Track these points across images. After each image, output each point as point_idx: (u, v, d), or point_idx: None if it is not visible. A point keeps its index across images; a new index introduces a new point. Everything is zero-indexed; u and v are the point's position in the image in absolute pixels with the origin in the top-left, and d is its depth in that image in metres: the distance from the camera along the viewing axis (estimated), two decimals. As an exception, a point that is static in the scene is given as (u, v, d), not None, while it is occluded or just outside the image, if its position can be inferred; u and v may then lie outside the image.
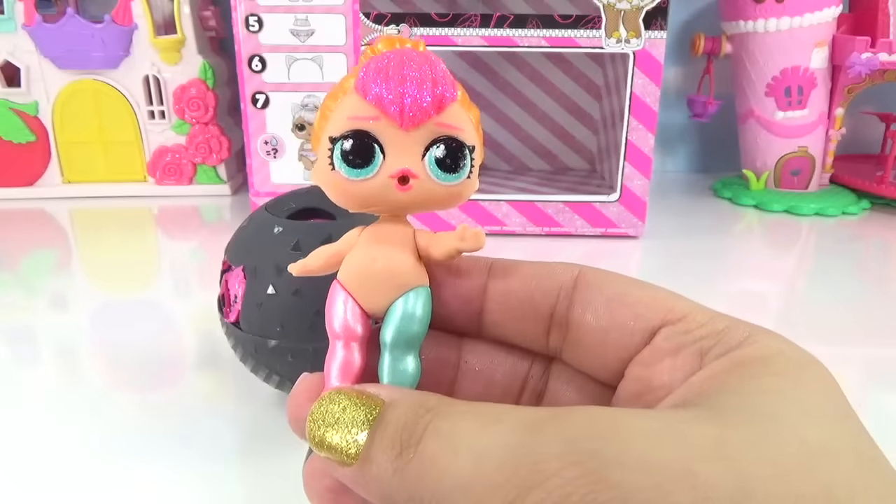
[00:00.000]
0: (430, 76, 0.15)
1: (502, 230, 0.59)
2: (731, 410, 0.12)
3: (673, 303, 0.15)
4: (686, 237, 0.61)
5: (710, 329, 0.14)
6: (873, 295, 0.50)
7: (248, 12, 0.54)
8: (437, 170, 0.16)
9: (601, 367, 0.16)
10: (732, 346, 0.14)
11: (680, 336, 0.15)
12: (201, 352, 0.40)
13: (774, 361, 0.13)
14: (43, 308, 0.46)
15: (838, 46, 0.67)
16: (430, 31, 0.54)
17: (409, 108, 0.15)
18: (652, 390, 0.15)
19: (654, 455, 0.11)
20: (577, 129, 0.77)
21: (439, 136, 0.16)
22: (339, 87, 0.16)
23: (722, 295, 0.50)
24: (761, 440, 0.11)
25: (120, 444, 0.30)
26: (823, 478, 0.11)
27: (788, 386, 0.12)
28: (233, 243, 0.31)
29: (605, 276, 0.17)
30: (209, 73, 0.68)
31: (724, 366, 0.13)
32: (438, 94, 0.16)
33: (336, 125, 0.16)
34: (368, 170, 0.16)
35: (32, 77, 0.66)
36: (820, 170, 0.71)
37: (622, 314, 0.16)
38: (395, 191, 0.16)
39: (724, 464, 0.10)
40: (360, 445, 0.13)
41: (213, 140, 0.69)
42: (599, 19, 0.53)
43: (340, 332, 0.17)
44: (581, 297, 0.16)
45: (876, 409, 0.35)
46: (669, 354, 0.15)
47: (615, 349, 0.16)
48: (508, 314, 0.17)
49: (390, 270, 0.17)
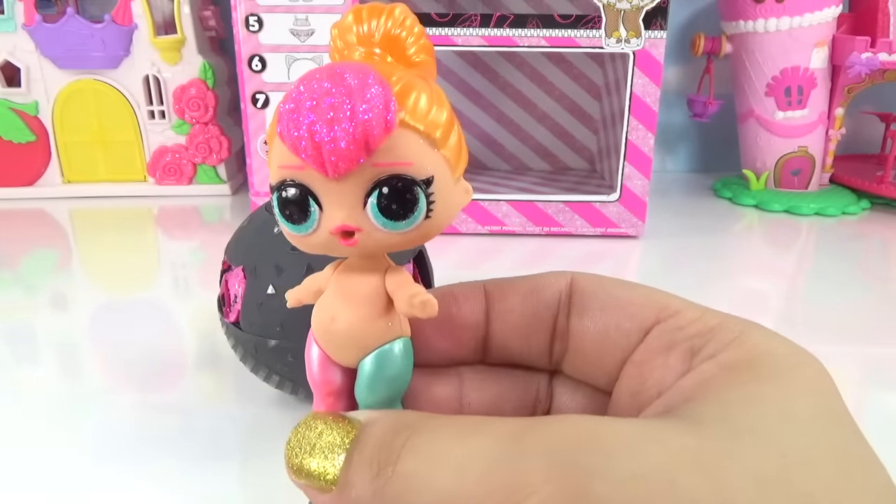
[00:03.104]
0: (349, 107, 0.12)
1: (502, 230, 0.59)
2: (714, 421, 0.12)
3: (666, 300, 0.15)
4: (686, 237, 0.61)
5: (701, 326, 0.14)
6: (873, 295, 0.50)
7: (248, 12, 0.54)
8: (382, 219, 0.13)
9: (600, 372, 0.16)
10: (723, 345, 0.14)
11: (672, 333, 0.15)
12: (201, 352, 0.40)
13: (763, 364, 0.13)
14: (43, 308, 0.46)
15: (838, 46, 0.67)
16: (430, 31, 0.54)
17: (329, 153, 0.12)
18: (645, 389, 0.15)
19: (634, 466, 0.11)
20: (577, 129, 0.77)
21: (380, 178, 0.13)
22: (276, 113, 0.13)
23: (722, 295, 0.50)
24: (741, 452, 0.11)
25: (120, 444, 0.30)
26: (803, 488, 0.11)
27: (774, 392, 0.12)
28: (233, 243, 0.31)
29: (597, 281, 0.17)
30: (209, 73, 0.68)
31: (712, 371, 0.13)
32: (361, 133, 0.12)
33: (272, 171, 0.14)
34: (307, 226, 0.14)
35: (32, 77, 0.66)
36: (820, 170, 0.71)
37: (617, 316, 0.16)
38: (339, 246, 0.14)
39: (704, 475, 0.10)
40: (338, 470, 0.13)
41: (213, 140, 0.69)
42: (599, 19, 0.53)
43: (317, 382, 0.16)
44: (577, 304, 0.16)
45: (876, 409, 0.35)
46: (662, 352, 0.15)
47: (612, 351, 0.16)
48: (515, 332, 0.17)
49: (349, 333, 0.15)
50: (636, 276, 0.54)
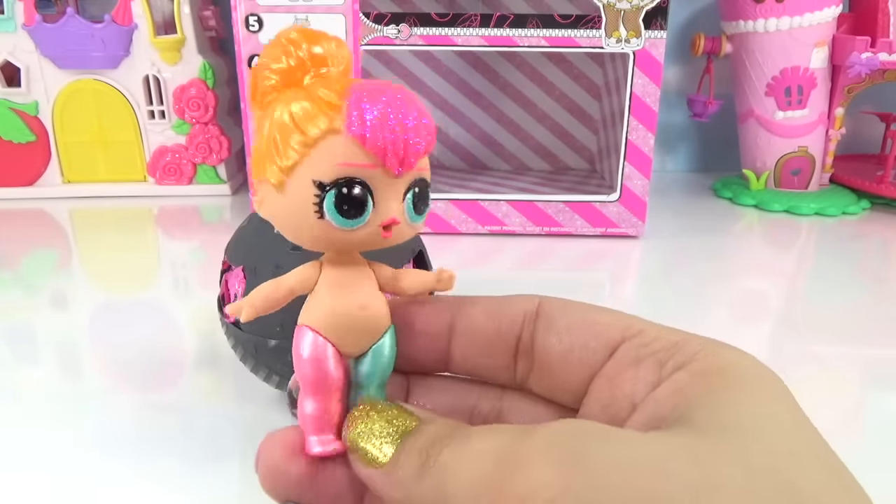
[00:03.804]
0: (422, 119, 0.15)
1: (502, 230, 0.59)
2: (703, 422, 0.13)
3: (629, 321, 0.16)
4: (686, 237, 0.61)
5: (665, 342, 0.15)
6: (873, 295, 0.50)
7: (248, 12, 0.54)
8: (412, 213, 0.16)
9: (566, 388, 0.17)
10: (688, 357, 0.15)
11: (638, 349, 0.16)
12: (201, 352, 0.40)
13: (731, 373, 0.14)
14: (43, 308, 0.46)
15: (838, 46, 0.67)
16: (430, 31, 0.54)
17: (409, 156, 0.15)
18: (616, 401, 0.15)
19: (629, 452, 0.12)
20: (577, 129, 0.77)
21: (415, 179, 0.16)
22: (294, 118, 0.15)
23: (722, 294, 0.50)
24: (730, 447, 0.12)
25: (120, 444, 0.30)
26: (789, 476, 0.11)
27: (748, 397, 0.13)
28: (233, 243, 0.31)
29: (564, 304, 0.17)
30: (209, 73, 0.68)
31: (686, 379, 0.14)
32: (430, 140, 0.15)
33: (323, 170, 0.15)
34: (361, 220, 0.15)
35: (32, 77, 0.66)
36: (820, 170, 0.71)
37: (583, 335, 0.17)
38: (379, 238, 0.16)
39: (694, 462, 0.11)
40: (391, 453, 0.14)
41: (213, 140, 0.69)
42: (599, 19, 0.53)
43: (330, 379, 0.16)
44: (544, 323, 0.17)
45: (876, 409, 0.35)
46: (631, 366, 0.15)
47: (579, 368, 0.17)
48: (476, 348, 0.18)
49: (378, 319, 0.17)
50: (636, 276, 0.54)
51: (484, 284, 0.47)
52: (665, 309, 0.46)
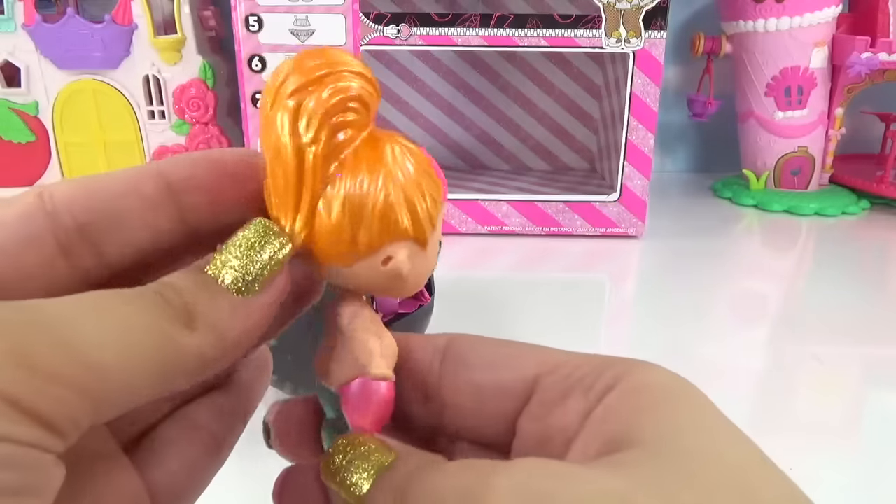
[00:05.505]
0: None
1: (502, 230, 0.59)
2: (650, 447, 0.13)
3: (544, 356, 0.16)
4: (686, 237, 0.61)
5: (587, 368, 0.15)
6: (873, 295, 0.50)
7: (248, 12, 0.54)
8: None
9: (486, 427, 0.17)
10: (616, 378, 0.15)
11: (562, 382, 0.15)
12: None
13: (659, 390, 0.14)
14: (43, 308, 0.46)
15: (838, 46, 0.67)
16: (430, 31, 0.54)
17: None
18: (551, 437, 0.15)
19: (592, 487, 0.12)
20: (577, 129, 0.77)
21: None
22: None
23: (722, 294, 0.50)
24: (686, 468, 0.12)
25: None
26: (748, 489, 0.12)
27: (685, 412, 0.13)
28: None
29: (471, 341, 0.17)
30: (209, 73, 0.68)
31: (619, 400, 0.14)
32: None
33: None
34: None
35: (32, 77, 0.66)
36: (820, 170, 0.71)
37: (492, 372, 0.16)
38: None
39: (661, 493, 0.12)
40: (369, 486, 0.15)
41: (213, 140, 0.69)
42: (599, 19, 0.53)
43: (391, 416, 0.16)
44: (450, 363, 0.17)
45: (876, 409, 0.35)
46: (558, 402, 0.15)
47: (494, 406, 0.16)
48: None
49: None
50: (636, 276, 0.54)
51: (484, 284, 0.47)
52: (665, 309, 0.46)
